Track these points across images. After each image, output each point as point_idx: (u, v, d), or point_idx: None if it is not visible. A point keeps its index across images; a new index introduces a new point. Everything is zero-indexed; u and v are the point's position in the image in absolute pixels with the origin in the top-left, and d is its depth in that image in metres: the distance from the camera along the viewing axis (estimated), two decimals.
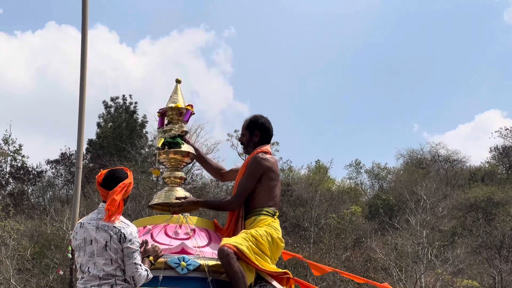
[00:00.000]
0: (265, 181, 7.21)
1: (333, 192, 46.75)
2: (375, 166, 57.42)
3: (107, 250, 5.79)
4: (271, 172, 7.25)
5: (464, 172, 55.31)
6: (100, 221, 5.88)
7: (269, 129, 7.50)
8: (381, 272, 34.76)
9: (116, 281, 5.77)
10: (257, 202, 7.18)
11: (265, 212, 7.15)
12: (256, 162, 7.23)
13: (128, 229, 5.87)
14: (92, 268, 5.81)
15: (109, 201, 5.86)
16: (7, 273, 30.36)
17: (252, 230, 6.98)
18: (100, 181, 6.00)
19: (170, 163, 7.54)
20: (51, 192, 49.69)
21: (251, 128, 7.48)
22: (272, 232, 7.04)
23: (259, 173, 7.19)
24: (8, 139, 50.99)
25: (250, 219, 7.17)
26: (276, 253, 7.12)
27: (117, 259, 5.79)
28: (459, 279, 34.81)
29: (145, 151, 49.02)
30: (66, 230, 30.87)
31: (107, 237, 5.81)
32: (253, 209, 7.18)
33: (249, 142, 7.48)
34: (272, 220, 7.14)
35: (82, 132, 8.52)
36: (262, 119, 7.52)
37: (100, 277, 5.77)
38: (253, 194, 7.22)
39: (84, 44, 9.32)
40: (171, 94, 7.70)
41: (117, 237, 5.81)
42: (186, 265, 6.65)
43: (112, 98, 53.17)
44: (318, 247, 34.86)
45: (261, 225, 7.05)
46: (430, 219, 38.38)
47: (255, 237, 6.89)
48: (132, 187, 6.08)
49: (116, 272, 5.78)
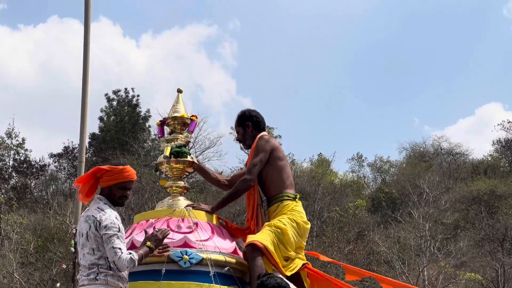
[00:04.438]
0: (273, 162, 7.32)
1: (336, 185, 46.72)
2: (378, 159, 57.45)
3: (88, 239, 5.86)
4: (279, 151, 7.38)
5: (467, 165, 55.26)
6: (86, 212, 5.99)
7: (258, 117, 7.62)
8: (383, 265, 34.80)
9: (100, 269, 5.82)
10: (274, 187, 7.31)
11: (286, 197, 7.27)
12: (263, 140, 7.35)
13: (103, 215, 5.89)
14: (82, 259, 5.92)
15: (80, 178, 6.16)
16: (10, 267, 30.41)
17: (276, 221, 7.09)
18: None
19: (173, 173, 7.56)
20: (54, 186, 49.68)
21: (242, 122, 7.61)
22: (296, 218, 7.18)
23: (269, 150, 7.29)
24: (11, 133, 50.97)
25: (273, 206, 7.29)
26: (303, 237, 7.27)
27: (98, 247, 5.83)
28: (462, 272, 34.80)
29: (148, 144, 49.00)
30: (69, 223, 30.90)
31: (87, 227, 5.89)
32: (273, 196, 7.30)
33: (245, 136, 7.59)
34: (295, 204, 7.28)
35: (85, 125, 8.53)
36: (248, 111, 7.67)
37: (87, 267, 5.85)
38: (266, 181, 7.33)
39: (86, 38, 9.31)
40: (173, 103, 7.74)
41: (94, 225, 5.85)
42: (189, 258, 6.66)
43: (114, 91, 53.01)
44: (321, 241, 34.88)
45: (285, 211, 7.17)
46: (433, 212, 38.37)
47: (279, 227, 7.02)
48: (113, 176, 6.03)
49: (99, 261, 5.83)
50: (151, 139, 49.75)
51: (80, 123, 8.41)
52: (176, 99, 7.76)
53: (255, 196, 7.31)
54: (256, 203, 7.31)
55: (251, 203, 7.34)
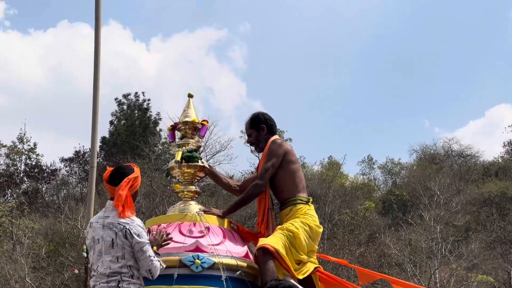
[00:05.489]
0: (286, 165, 7.33)
1: (347, 188, 46.67)
2: (389, 161, 57.35)
3: (113, 247, 5.84)
4: (291, 155, 7.39)
5: (478, 167, 55.12)
6: (106, 219, 5.94)
7: (271, 121, 7.63)
8: (395, 268, 34.71)
9: (122, 277, 5.81)
10: (287, 191, 7.33)
11: (299, 201, 7.29)
12: (276, 145, 7.35)
13: (132, 223, 5.89)
14: (100, 266, 5.86)
15: (116, 197, 5.94)
16: (22, 271, 30.47)
17: (288, 225, 7.12)
18: (106, 178, 6.05)
19: (184, 178, 7.58)
20: (65, 190, 49.79)
21: (256, 125, 7.61)
22: (309, 221, 7.21)
23: (281, 154, 7.30)
24: (22, 138, 51.20)
25: (286, 209, 7.32)
26: (315, 240, 7.29)
27: (123, 256, 5.83)
28: (474, 274, 34.68)
29: (159, 148, 49.03)
30: (80, 228, 30.94)
31: (112, 235, 5.86)
32: (286, 199, 7.32)
33: (258, 138, 7.60)
34: (307, 208, 7.31)
35: (96, 131, 8.55)
36: (262, 114, 7.68)
37: (107, 275, 5.81)
38: (279, 184, 7.35)
39: (97, 42, 9.34)
40: (184, 108, 7.75)
41: (122, 233, 5.84)
42: (201, 263, 6.67)
43: (124, 95, 53.10)
44: (332, 243, 34.83)
45: (298, 215, 7.20)
46: (444, 214, 38.29)
47: (291, 231, 7.04)
48: (139, 182, 6.09)
49: (122, 269, 5.82)
50: (161, 143, 49.76)
51: (92, 129, 8.43)
52: (187, 104, 7.78)
53: (266, 200, 7.33)
54: (267, 207, 7.32)
55: (262, 207, 7.35)
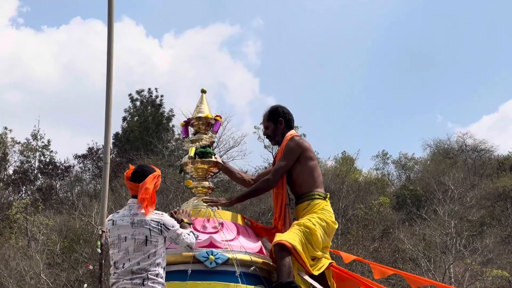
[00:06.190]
0: (304, 162, 7.31)
1: (360, 183, 46.57)
2: (402, 156, 57.19)
3: (147, 244, 5.86)
4: (309, 151, 7.37)
5: (492, 162, 54.88)
6: (135, 217, 5.94)
7: (290, 115, 7.61)
8: (409, 263, 34.64)
9: (148, 275, 5.81)
10: (305, 186, 7.31)
11: (317, 196, 7.28)
12: (294, 142, 7.33)
13: (164, 217, 6.00)
14: (127, 264, 5.85)
15: (142, 190, 5.93)
16: (37, 268, 30.61)
17: (305, 220, 7.10)
18: (129, 175, 6.06)
19: (198, 173, 7.57)
20: (79, 187, 49.92)
21: (274, 118, 7.58)
22: (326, 217, 7.20)
23: (298, 153, 7.28)
24: (36, 135, 51.37)
25: (303, 203, 7.29)
26: (330, 236, 7.30)
27: (155, 253, 5.87)
28: (489, 269, 34.57)
29: (172, 144, 49.07)
30: (94, 224, 31.04)
31: (146, 232, 5.88)
32: (304, 194, 7.29)
33: (275, 132, 7.57)
34: (325, 204, 7.30)
35: (109, 127, 8.52)
36: (281, 107, 7.65)
37: (133, 271, 5.81)
38: (297, 179, 7.33)
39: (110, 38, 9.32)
40: (197, 104, 7.74)
41: (157, 229, 5.90)
42: (215, 258, 6.67)
43: (137, 91, 53.14)
44: (346, 238, 34.80)
45: (315, 210, 7.19)
46: (458, 209, 38.17)
47: (309, 227, 7.03)
48: (160, 181, 6.15)
49: (150, 267, 5.83)
50: (175, 139, 49.82)
51: (105, 125, 8.41)
52: (200, 100, 7.76)
53: (283, 196, 7.31)
54: (284, 202, 7.31)
55: (279, 203, 7.33)
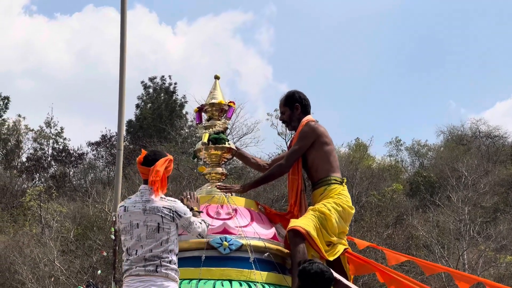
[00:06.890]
0: (320, 147, 7.29)
1: (374, 170, 46.48)
2: (415, 143, 57.04)
3: (159, 231, 5.80)
4: (325, 137, 7.35)
5: (506, 148, 54.64)
6: (147, 204, 5.88)
7: (306, 100, 7.59)
8: (423, 250, 34.61)
9: (162, 262, 5.76)
10: (321, 171, 7.28)
11: (333, 181, 7.26)
12: (309, 127, 7.31)
13: (177, 204, 5.93)
14: (139, 251, 5.80)
15: (153, 173, 5.87)
16: (51, 255, 30.71)
17: (321, 205, 7.08)
18: (141, 160, 6.03)
19: (211, 159, 7.56)
20: (92, 174, 50.00)
21: (290, 103, 7.56)
22: (343, 202, 7.18)
23: (312, 138, 7.26)
24: (50, 122, 51.48)
25: (320, 189, 7.26)
26: (347, 222, 7.29)
27: (167, 239, 5.81)
28: (502, 255, 34.50)
29: (185, 131, 49.08)
30: (108, 211, 31.11)
31: (158, 219, 5.82)
32: (320, 179, 7.27)
33: (291, 117, 7.55)
34: (342, 189, 7.28)
35: (123, 114, 8.51)
36: (298, 92, 7.62)
37: (146, 258, 5.76)
38: (313, 164, 7.31)
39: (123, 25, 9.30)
40: (211, 90, 7.72)
41: (170, 216, 5.84)
42: (229, 245, 6.68)
43: (150, 78, 53.06)
44: (359, 225, 34.76)
45: (332, 195, 7.16)
46: (472, 195, 38.04)
47: (324, 212, 7.00)
48: (172, 167, 6.08)
49: (163, 254, 5.78)
50: (188, 126, 49.80)
51: (118, 112, 8.39)
52: (213, 86, 7.74)
53: (299, 182, 7.29)
54: (300, 188, 7.29)
55: (295, 188, 7.31)
